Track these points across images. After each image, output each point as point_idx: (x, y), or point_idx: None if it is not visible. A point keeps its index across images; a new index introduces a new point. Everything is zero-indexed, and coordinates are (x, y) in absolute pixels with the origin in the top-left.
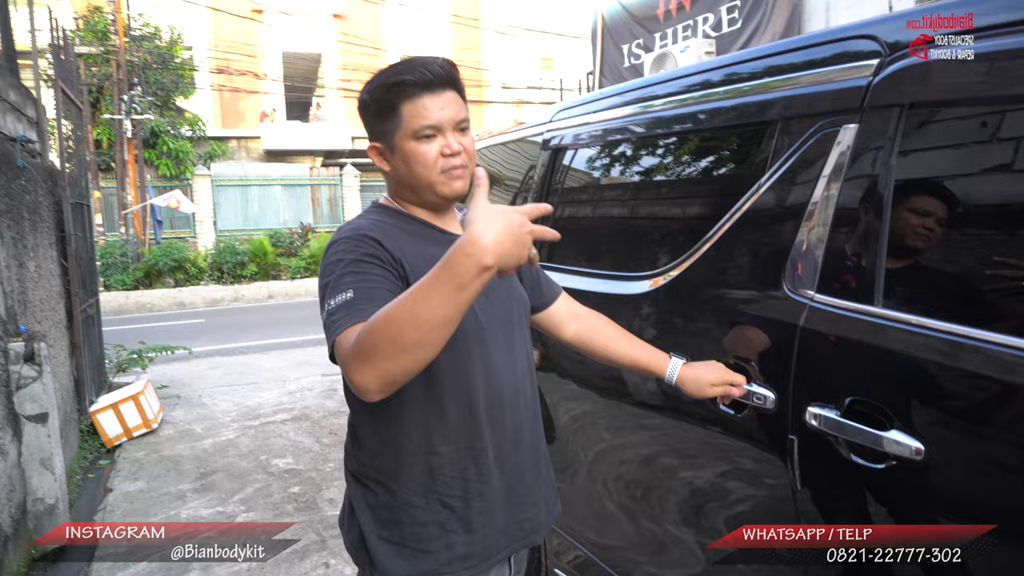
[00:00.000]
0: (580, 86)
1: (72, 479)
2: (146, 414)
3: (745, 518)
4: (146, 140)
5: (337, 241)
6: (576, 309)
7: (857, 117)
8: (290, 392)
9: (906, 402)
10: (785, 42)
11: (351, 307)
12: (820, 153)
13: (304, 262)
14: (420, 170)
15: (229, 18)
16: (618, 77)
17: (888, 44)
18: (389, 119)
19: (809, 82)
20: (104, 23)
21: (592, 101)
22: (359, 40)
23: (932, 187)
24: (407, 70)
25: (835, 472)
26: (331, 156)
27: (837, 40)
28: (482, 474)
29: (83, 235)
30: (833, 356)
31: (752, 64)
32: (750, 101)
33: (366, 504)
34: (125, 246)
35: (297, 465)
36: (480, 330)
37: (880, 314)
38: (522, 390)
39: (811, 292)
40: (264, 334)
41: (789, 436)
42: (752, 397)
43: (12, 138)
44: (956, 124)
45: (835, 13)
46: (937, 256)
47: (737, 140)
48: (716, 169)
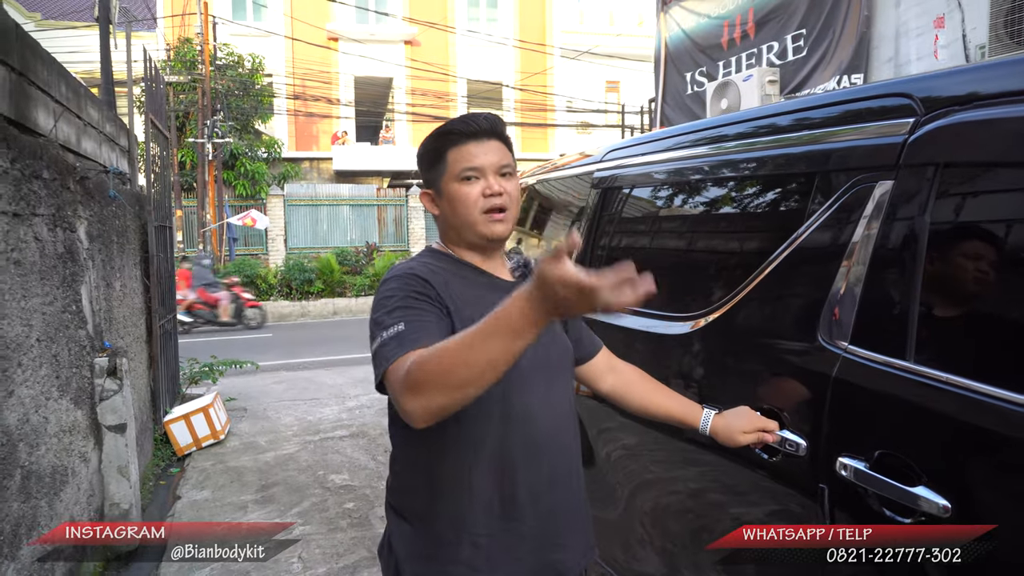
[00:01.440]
0: (643, 111)
1: (145, 485)
2: (214, 425)
3: (773, 564)
4: (225, 162)
5: (389, 279)
6: (614, 363)
7: (893, 174)
8: (349, 409)
9: (934, 459)
10: (824, 96)
11: (402, 338)
12: (856, 207)
13: (368, 280)
14: (462, 210)
15: (306, 47)
16: (680, 104)
17: (923, 102)
18: (437, 166)
19: (847, 137)
20: (192, 53)
21: (640, 144)
22: (429, 66)
23: (965, 246)
24: (455, 122)
25: (863, 523)
26: (398, 177)
27: (874, 97)
28: (513, 515)
29: (164, 255)
30: (864, 408)
31: (792, 116)
32: (789, 152)
33: (402, 537)
34: None
35: (352, 481)
36: (519, 373)
37: (911, 369)
38: (561, 432)
39: (845, 344)
40: (327, 350)
41: (820, 484)
42: (785, 444)
43: (107, 169)
44: (990, 183)
45: (905, 41)
46: (968, 315)
47: (777, 190)
48: (755, 218)
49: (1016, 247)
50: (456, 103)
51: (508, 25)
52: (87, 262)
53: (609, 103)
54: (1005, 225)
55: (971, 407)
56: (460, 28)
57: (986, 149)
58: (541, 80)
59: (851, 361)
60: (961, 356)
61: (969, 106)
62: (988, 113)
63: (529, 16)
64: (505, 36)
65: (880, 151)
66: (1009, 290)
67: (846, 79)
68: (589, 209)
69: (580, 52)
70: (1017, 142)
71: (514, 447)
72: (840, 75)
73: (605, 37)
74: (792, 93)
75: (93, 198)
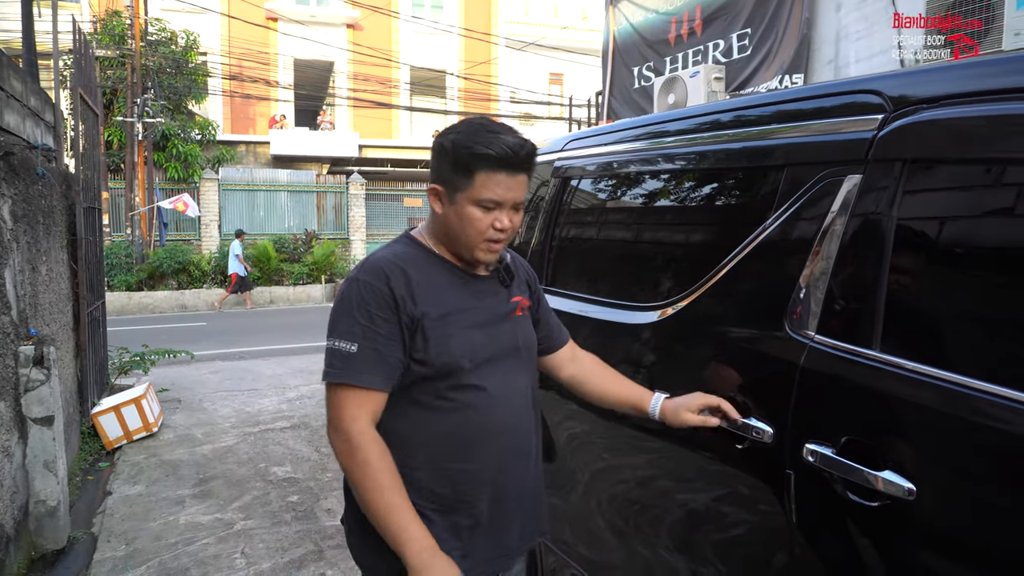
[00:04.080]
0: (590, 104)
1: (72, 481)
2: (147, 417)
3: (739, 547)
4: (156, 143)
5: (359, 281)
6: (576, 353)
7: (861, 168)
8: (290, 399)
9: (899, 444)
10: (794, 90)
11: (349, 364)
12: (824, 200)
13: (307, 268)
14: (469, 231)
15: (244, 25)
16: (627, 98)
17: (892, 100)
18: (462, 177)
19: (816, 131)
20: (121, 27)
21: (607, 133)
22: (372, 51)
23: (931, 238)
24: (496, 145)
25: (830, 507)
26: (338, 164)
27: (844, 93)
28: (466, 495)
29: (93, 238)
30: (830, 396)
31: (761, 109)
32: (760, 145)
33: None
34: (130, 247)
35: (296, 474)
36: (484, 360)
37: (876, 358)
38: (522, 419)
39: (811, 333)
40: (265, 339)
41: (786, 471)
42: (751, 431)
43: (33, 145)
44: (957, 180)
45: (844, 44)
46: (932, 305)
47: (746, 182)
48: (724, 208)
49: (979, 241)
50: (399, 90)
51: (453, 13)
52: (11, 244)
53: (552, 95)
54: (969, 220)
55: (935, 393)
56: (404, 13)
57: (953, 147)
58: (485, 70)
59: (818, 350)
60: (926, 345)
61: (937, 104)
62: (955, 112)
63: (475, 5)
64: (450, 24)
65: (849, 146)
66: (972, 282)
67: (788, 79)
68: (548, 199)
69: (526, 43)
70: (983, 141)
71: (472, 430)
72: (782, 75)
73: (550, 29)
74: (736, 91)
75: (18, 175)
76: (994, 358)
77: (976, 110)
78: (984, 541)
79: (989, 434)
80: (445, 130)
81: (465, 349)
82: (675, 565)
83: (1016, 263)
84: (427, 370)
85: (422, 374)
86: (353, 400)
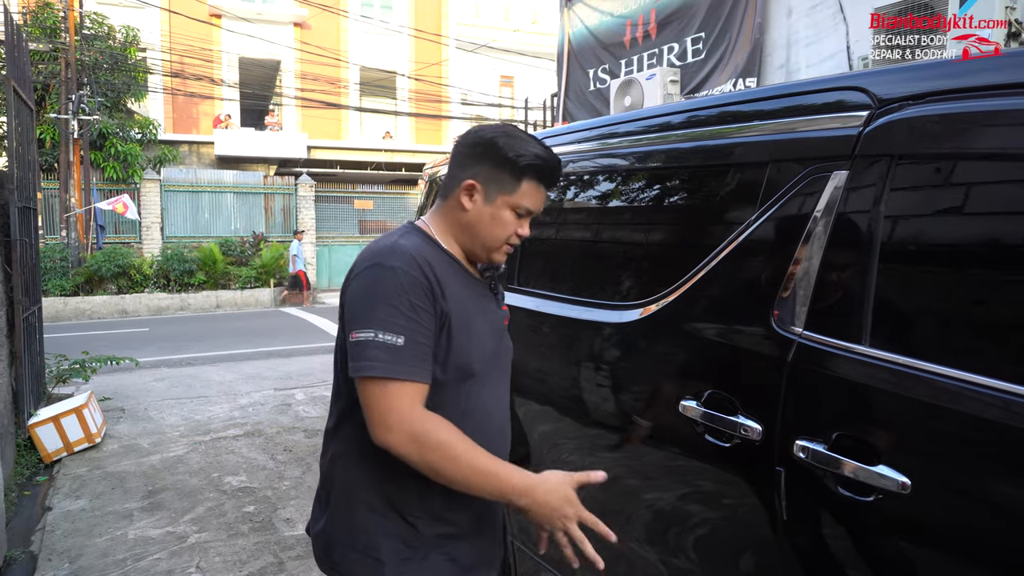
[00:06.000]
0: (545, 107)
1: (7, 496)
2: (89, 428)
3: (727, 547)
4: (93, 142)
5: (394, 269)
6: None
7: (848, 164)
8: (242, 406)
9: (892, 438)
10: (779, 87)
11: (398, 358)
12: (811, 196)
13: (255, 271)
14: (496, 231)
15: (187, 21)
16: (583, 100)
17: (878, 96)
18: (507, 180)
19: (802, 128)
20: (54, 19)
21: (584, 130)
22: (320, 50)
23: (917, 233)
24: (547, 157)
25: (822, 503)
26: (286, 165)
27: (830, 89)
28: (457, 507)
29: (29, 240)
30: (820, 392)
31: (745, 105)
32: (745, 141)
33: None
34: (66, 250)
35: (251, 483)
36: (479, 373)
37: (865, 352)
38: (505, 425)
39: (799, 329)
40: (213, 345)
41: (776, 468)
42: (739, 428)
43: None
44: (942, 176)
45: (795, 50)
46: (920, 299)
47: (732, 178)
48: (710, 204)
49: (966, 236)
50: (349, 90)
51: (403, 13)
52: None
53: (503, 97)
54: (956, 215)
55: (925, 388)
56: (353, 13)
57: (938, 143)
58: (436, 71)
59: (806, 346)
60: (915, 339)
61: (922, 101)
62: (940, 108)
63: (425, 5)
64: (400, 24)
65: (835, 142)
66: (960, 276)
67: (742, 82)
68: None
69: (477, 45)
70: (968, 137)
71: (470, 436)
72: (736, 78)
73: (501, 32)
74: (691, 93)
75: None
76: (984, 350)
77: (962, 106)
78: (978, 533)
79: (980, 426)
80: (483, 128)
81: (479, 353)
82: (664, 567)
83: (1004, 258)
84: (437, 369)
85: (432, 374)
86: (404, 394)
